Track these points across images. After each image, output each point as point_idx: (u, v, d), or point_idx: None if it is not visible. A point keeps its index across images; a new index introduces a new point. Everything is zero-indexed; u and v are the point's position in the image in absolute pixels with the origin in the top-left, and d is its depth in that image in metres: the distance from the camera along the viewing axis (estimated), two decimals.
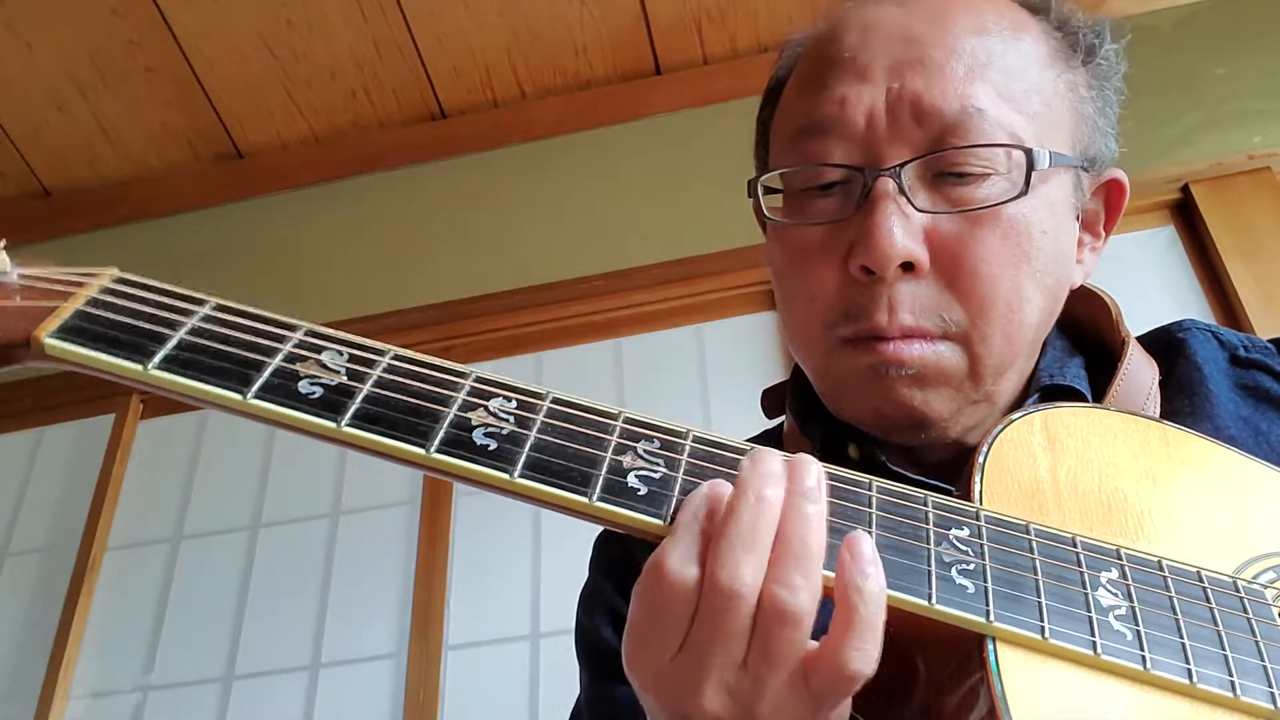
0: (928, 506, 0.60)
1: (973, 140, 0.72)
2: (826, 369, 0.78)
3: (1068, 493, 0.64)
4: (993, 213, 0.72)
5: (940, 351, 0.73)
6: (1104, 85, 0.84)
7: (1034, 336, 0.77)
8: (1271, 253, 2.18)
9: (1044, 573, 0.58)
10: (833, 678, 0.53)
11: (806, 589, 0.53)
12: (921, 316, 0.72)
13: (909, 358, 0.72)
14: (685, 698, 0.54)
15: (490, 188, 2.70)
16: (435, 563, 2.24)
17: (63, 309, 0.59)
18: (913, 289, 0.72)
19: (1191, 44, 2.47)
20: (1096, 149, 0.82)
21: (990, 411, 0.78)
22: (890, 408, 0.74)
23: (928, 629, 0.56)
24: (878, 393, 0.74)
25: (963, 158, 0.73)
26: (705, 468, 0.59)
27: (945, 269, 0.72)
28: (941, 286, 0.72)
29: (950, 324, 0.72)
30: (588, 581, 0.92)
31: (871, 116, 0.74)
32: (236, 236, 2.78)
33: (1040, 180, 0.74)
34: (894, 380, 0.73)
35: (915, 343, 0.72)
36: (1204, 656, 0.56)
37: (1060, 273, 0.77)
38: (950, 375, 0.73)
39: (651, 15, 2.62)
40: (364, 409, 0.58)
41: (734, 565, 0.53)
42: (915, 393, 0.73)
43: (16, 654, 2.32)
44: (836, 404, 0.79)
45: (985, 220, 0.73)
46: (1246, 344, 0.86)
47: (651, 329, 2.46)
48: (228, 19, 2.59)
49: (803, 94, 0.80)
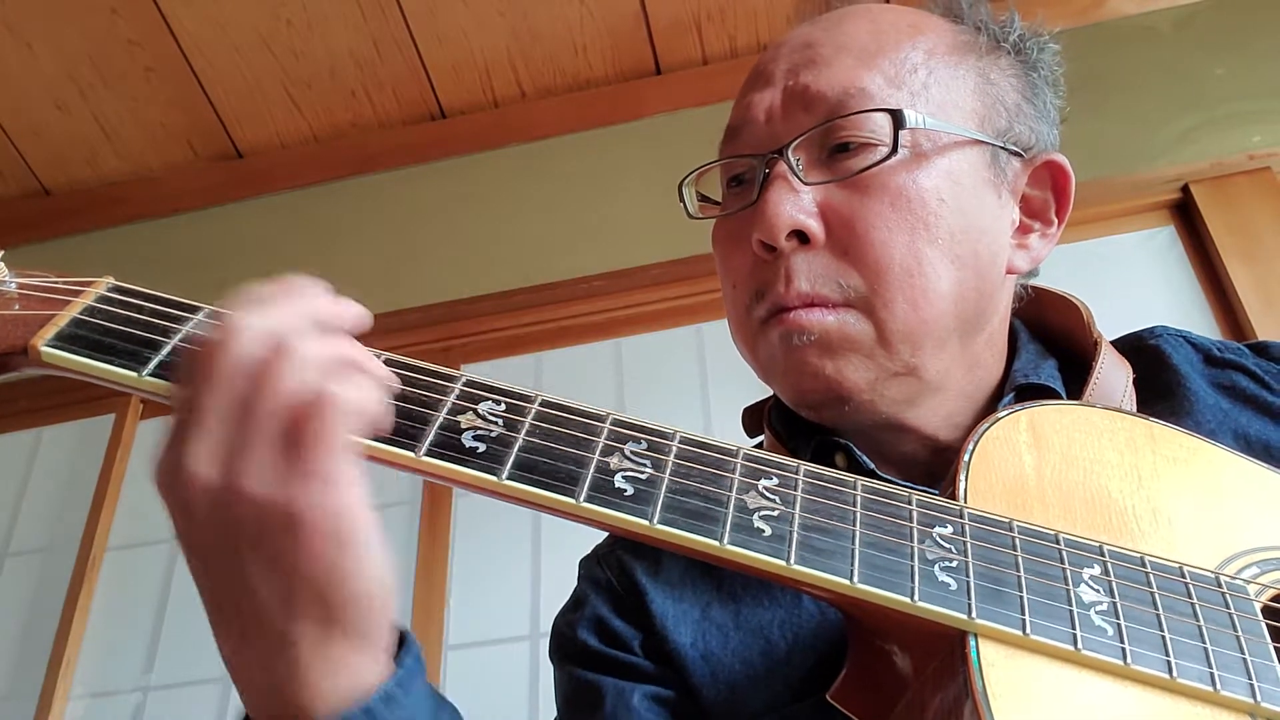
0: (912, 505, 0.61)
1: (856, 117, 0.77)
2: (755, 354, 0.82)
3: (1052, 490, 0.65)
4: (880, 181, 0.76)
5: (843, 318, 0.75)
6: (1029, 75, 0.87)
7: (955, 308, 0.78)
8: (1271, 253, 2.18)
9: (1026, 569, 0.58)
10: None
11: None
12: (818, 284, 0.76)
13: (808, 323, 0.75)
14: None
15: (490, 187, 2.71)
16: (435, 563, 2.25)
17: (59, 317, 0.61)
18: (808, 259, 0.76)
19: (1191, 44, 2.47)
20: (1021, 133, 0.84)
21: (920, 387, 0.79)
22: (806, 380, 0.77)
23: (911, 626, 0.57)
24: (792, 366, 0.77)
25: (845, 132, 0.77)
26: (692, 468, 0.60)
27: (839, 238, 0.76)
28: (837, 255, 0.76)
29: (849, 289, 0.75)
30: (572, 596, 0.91)
31: (770, 112, 0.81)
32: (236, 236, 2.78)
33: (932, 149, 0.78)
34: (802, 350, 0.76)
35: (815, 310, 0.75)
36: (1185, 651, 0.56)
37: (978, 247, 0.79)
38: (856, 341, 0.76)
39: (651, 15, 2.62)
40: None
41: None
42: (825, 362, 0.76)
43: (17, 654, 2.33)
44: (775, 389, 0.83)
45: (873, 189, 0.76)
46: (1220, 346, 0.87)
47: (651, 329, 2.46)
48: (227, 18, 2.59)
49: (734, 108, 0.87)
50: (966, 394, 0.82)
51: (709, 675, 0.78)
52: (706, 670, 0.79)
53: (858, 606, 0.58)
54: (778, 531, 0.57)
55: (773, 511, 0.58)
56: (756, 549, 0.57)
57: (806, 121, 0.79)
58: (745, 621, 0.79)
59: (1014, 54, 0.86)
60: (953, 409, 0.81)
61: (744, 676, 0.77)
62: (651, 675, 0.81)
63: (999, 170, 0.81)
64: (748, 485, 0.60)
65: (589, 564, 0.91)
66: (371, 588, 0.56)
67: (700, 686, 0.78)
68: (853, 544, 0.58)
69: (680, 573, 0.83)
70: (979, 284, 0.79)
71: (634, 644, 0.82)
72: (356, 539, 0.54)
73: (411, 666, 0.60)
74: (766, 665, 0.77)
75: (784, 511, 0.58)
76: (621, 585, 0.85)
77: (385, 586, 0.57)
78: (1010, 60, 0.86)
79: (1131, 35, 2.51)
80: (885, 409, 0.78)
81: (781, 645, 0.77)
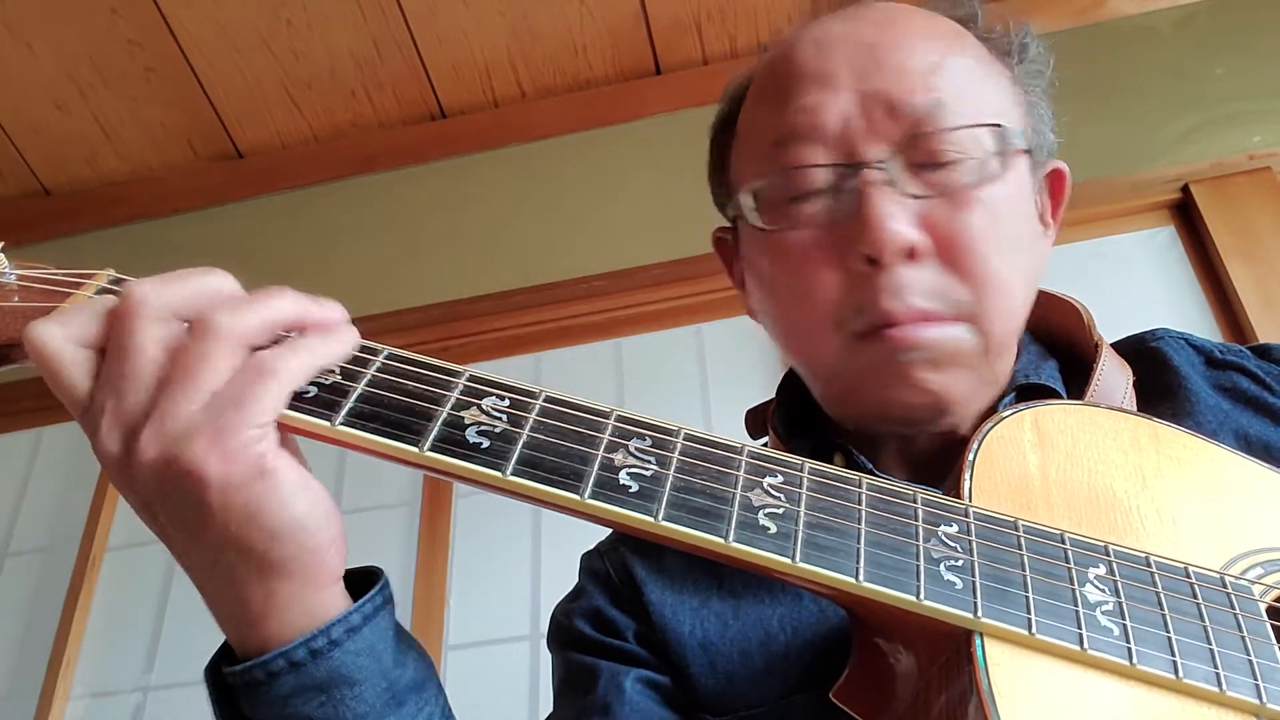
0: (917, 504, 0.60)
1: (945, 128, 0.75)
2: (839, 368, 0.78)
3: (1057, 490, 0.64)
4: (974, 195, 0.75)
5: (952, 333, 0.74)
6: (1035, 82, 0.86)
7: (1022, 320, 0.79)
8: (1271, 253, 2.18)
9: (1032, 569, 0.58)
10: None
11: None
12: (930, 299, 0.73)
13: (922, 339, 0.73)
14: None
15: (490, 187, 2.71)
16: (435, 563, 2.25)
17: (59, 309, 0.60)
18: (916, 273, 0.73)
19: (1191, 44, 2.47)
20: (1040, 140, 0.84)
21: (995, 395, 0.79)
22: (908, 393, 0.75)
23: (916, 625, 0.56)
24: (898, 380, 0.74)
25: (940, 145, 0.75)
26: (697, 465, 0.60)
27: (944, 251, 0.74)
28: (942, 269, 0.74)
29: (959, 304, 0.74)
30: (572, 588, 0.92)
31: (845, 118, 0.76)
32: (237, 236, 2.78)
33: (1011, 161, 0.77)
34: (911, 365, 0.74)
35: (930, 326, 0.73)
36: (1190, 651, 0.56)
37: (1031, 256, 0.80)
38: (965, 356, 0.75)
39: (651, 15, 2.62)
40: (358, 408, 0.59)
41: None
42: (933, 376, 0.74)
43: (17, 654, 2.33)
44: (851, 401, 0.80)
45: (970, 202, 0.75)
46: (1221, 348, 0.88)
47: (651, 329, 2.46)
48: (227, 18, 2.59)
49: (768, 110, 0.82)
50: (989, 396, 0.82)
51: (707, 664, 0.78)
52: (704, 659, 0.79)
53: (862, 605, 0.58)
54: (783, 529, 0.57)
55: (778, 509, 0.58)
56: (762, 546, 0.56)
57: (892, 131, 0.75)
58: (745, 613, 0.79)
59: (1023, 61, 0.86)
60: (993, 395, 0.81)
61: (742, 667, 0.77)
62: (645, 662, 0.81)
63: (1035, 179, 0.82)
64: (753, 482, 0.59)
65: (589, 557, 0.92)
66: (295, 525, 0.57)
67: (697, 675, 0.78)
68: (858, 542, 0.57)
69: (682, 569, 0.83)
70: (1031, 294, 0.81)
71: (628, 633, 0.83)
72: (266, 480, 0.56)
73: (378, 600, 0.63)
74: (765, 657, 0.77)
75: (789, 509, 0.58)
76: (619, 577, 0.86)
77: (315, 521, 0.58)
78: (1023, 68, 0.86)
79: (1131, 35, 2.51)
80: (968, 417, 0.78)
81: (781, 637, 0.77)
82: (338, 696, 0.60)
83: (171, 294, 0.58)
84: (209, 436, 0.54)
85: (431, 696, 0.66)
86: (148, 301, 0.57)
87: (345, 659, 0.60)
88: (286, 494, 0.57)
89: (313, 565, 0.59)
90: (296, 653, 0.59)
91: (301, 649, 0.59)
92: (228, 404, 0.55)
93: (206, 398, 0.55)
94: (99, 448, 0.57)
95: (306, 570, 0.59)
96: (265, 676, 0.59)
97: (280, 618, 0.59)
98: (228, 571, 0.58)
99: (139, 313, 0.57)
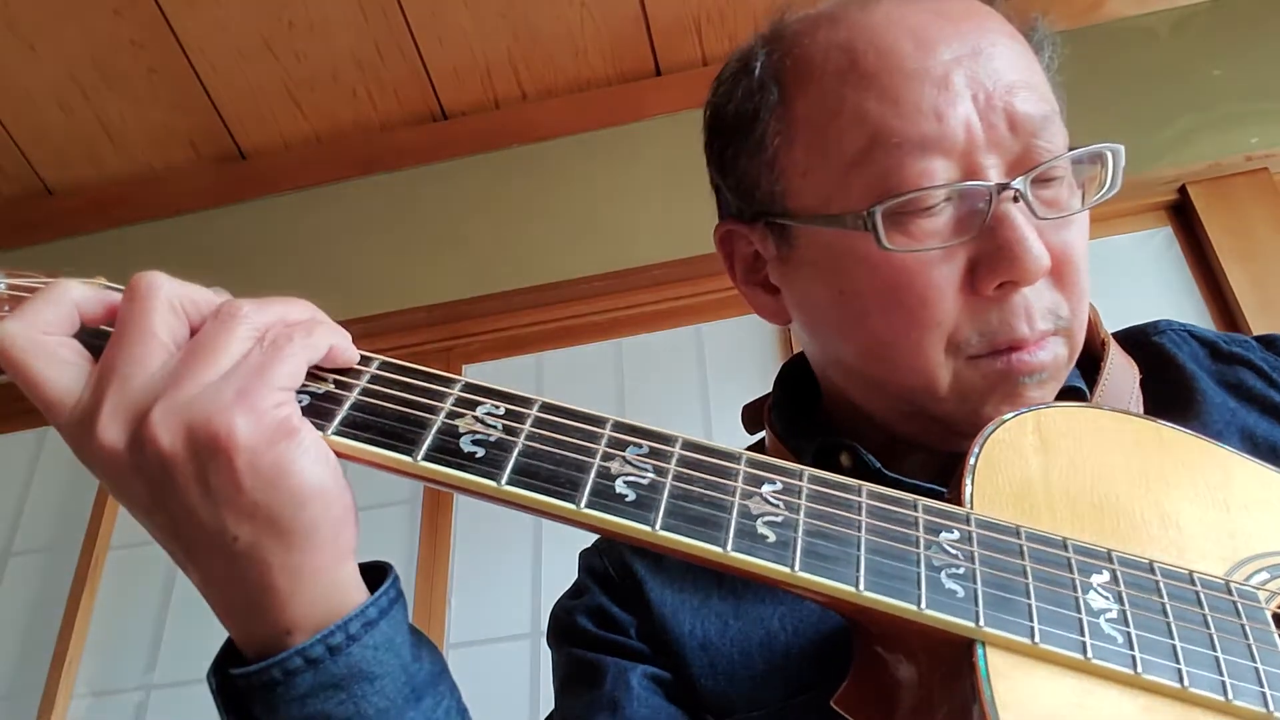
0: (918, 511, 0.60)
1: (1053, 142, 0.73)
2: (947, 390, 0.75)
3: (1060, 494, 0.64)
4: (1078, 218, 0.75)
5: (1055, 349, 0.74)
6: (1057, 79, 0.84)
7: None
8: (1268, 254, 2.18)
9: (1034, 576, 0.57)
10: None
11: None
12: (1047, 320, 0.73)
13: (1044, 363, 0.73)
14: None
15: (491, 188, 2.70)
16: (435, 562, 2.25)
17: (20, 306, 0.59)
18: (1038, 294, 0.73)
19: (1188, 45, 2.47)
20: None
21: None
22: (1014, 407, 0.72)
23: (917, 634, 0.56)
24: (1009, 399, 0.74)
25: (1054, 162, 0.73)
26: (694, 475, 0.59)
27: (1058, 271, 0.73)
28: (1053, 286, 0.74)
29: (1061, 319, 0.74)
30: (572, 585, 0.92)
31: (969, 128, 0.71)
32: (239, 237, 2.78)
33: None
34: (1027, 386, 0.73)
35: (1045, 348, 0.73)
36: (1196, 659, 0.55)
37: None
38: (1061, 370, 0.75)
39: (651, 16, 2.62)
40: (351, 416, 0.58)
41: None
42: (1039, 393, 0.74)
43: (19, 653, 2.33)
44: (941, 417, 0.77)
45: (1075, 223, 0.75)
46: (1226, 339, 0.87)
47: (651, 329, 2.46)
48: (229, 20, 2.59)
49: (868, 105, 0.73)
50: None
51: (706, 664, 0.78)
52: (704, 659, 0.78)
53: (863, 614, 0.57)
54: (782, 538, 0.56)
55: (776, 517, 0.57)
56: (760, 555, 0.56)
57: (1011, 145, 0.72)
58: (746, 612, 0.79)
59: (1052, 59, 0.84)
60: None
61: (742, 668, 0.77)
62: (649, 658, 0.81)
63: None
64: (750, 491, 0.59)
65: (589, 555, 0.91)
66: (319, 488, 0.56)
67: (698, 675, 0.78)
68: (858, 550, 0.57)
69: (682, 567, 0.82)
70: None
71: (631, 629, 0.83)
72: (292, 440, 0.55)
73: (391, 593, 0.62)
74: (765, 657, 0.77)
75: (788, 517, 0.57)
76: (619, 575, 0.86)
77: (337, 486, 0.58)
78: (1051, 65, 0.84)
79: (1129, 36, 2.51)
80: None
81: (782, 638, 0.77)
82: (357, 693, 0.59)
83: (183, 288, 0.58)
84: (233, 399, 0.54)
85: (447, 690, 0.65)
86: (163, 286, 0.57)
87: (364, 654, 0.59)
88: (311, 456, 0.56)
89: (335, 534, 0.58)
90: (314, 649, 0.57)
91: (319, 645, 0.57)
92: (250, 371, 0.55)
93: (226, 370, 0.55)
94: (94, 443, 0.55)
95: (330, 540, 0.57)
96: (282, 675, 0.57)
97: (304, 596, 0.57)
98: (248, 551, 0.56)
99: (155, 294, 0.57)
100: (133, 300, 0.57)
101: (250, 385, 0.54)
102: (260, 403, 0.54)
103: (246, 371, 0.55)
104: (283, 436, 0.55)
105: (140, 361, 0.56)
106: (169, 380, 0.55)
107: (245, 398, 0.54)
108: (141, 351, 0.56)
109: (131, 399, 0.55)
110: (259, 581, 0.57)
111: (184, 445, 0.54)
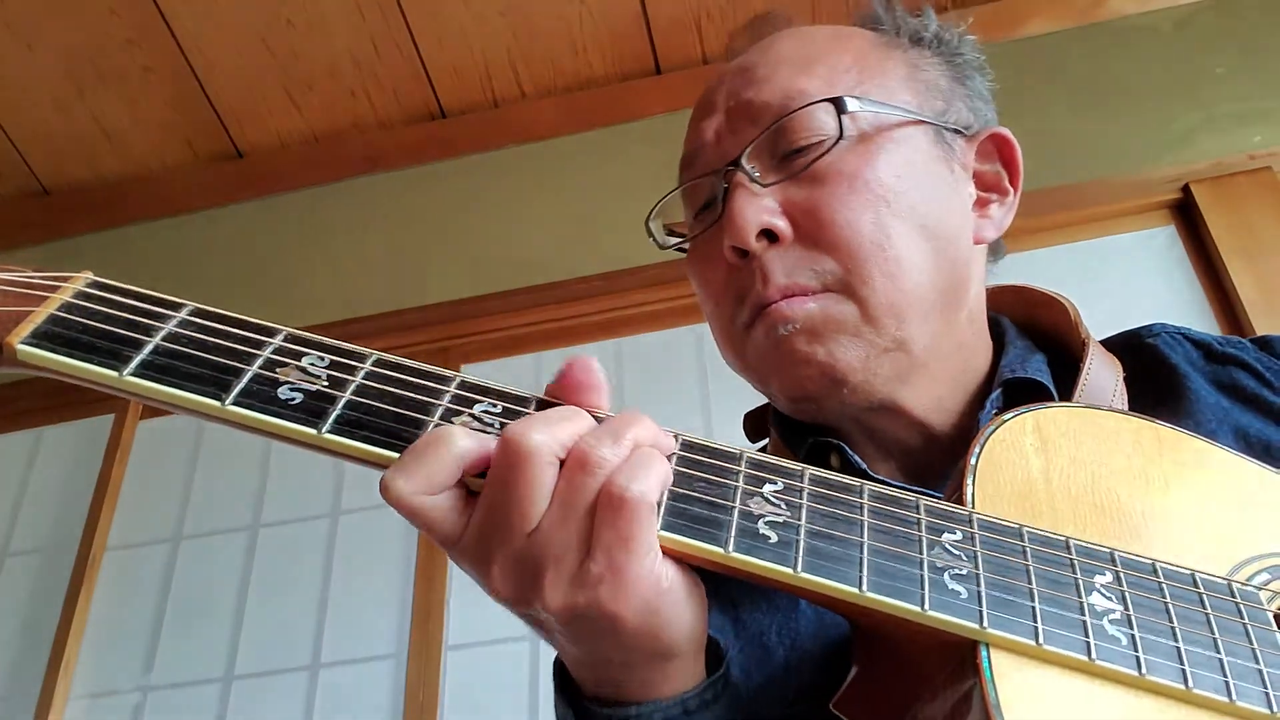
0: (919, 511, 0.59)
1: (797, 119, 0.80)
2: (745, 362, 0.82)
3: (1060, 494, 0.64)
4: (834, 170, 0.79)
5: (824, 303, 0.77)
6: (954, 60, 0.89)
7: (931, 278, 0.79)
8: (1272, 252, 2.18)
9: (1037, 577, 0.57)
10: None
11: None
12: (794, 275, 0.77)
13: (790, 313, 0.76)
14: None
15: (490, 187, 2.70)
16: (435, 562, 2.24)
17: (36, 314, 0.58)
18: (780, 255, 0.78)
19: (1191, 44, 2.47)
20: (959, 112, 0.87)
21: (909, 362, 0.79)
22: (800, 369, 0.77)
23: (920, 635, 0.55)
24: (784, 358, 0.77)
25: (794, 134, 0.80)
26: (695, 473, 0.59)
27: (806, 229, 0.78)
28: (807, 246, 0.78)
29: (826, 274, 0.77)
30: None
31: (718, 132, 0.85)
32: (236, 236, 2.78)
33: (878, 133, 0.80)
34: (790, 339, 0.76)
35: (795, 299, 0.76)
36: (1199, 660, 0.55)
37: (942, 216, 0.81)
38: (842, 322, 0.77)
39: (651, 15, 2.62)
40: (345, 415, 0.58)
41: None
42: (816, 347, 0.76)
43: (16, 654, 2.32)
44: (770, 393, 0.84)
45: (830, 177, 0.78)
46: (1221, 340, 0.87)
47: (651, 329, 2.46)
48: (227, 18, 2.58)
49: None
50: (954, 377, 0.83)
51: None
52: None
53: (865, 615, 0.56)
54: (784, 538, 0.56)
55: (778, 517, 0.57)
56: (763, 556, 0.55)
57: (754, 132, 0.81)
58: (743, 625, 0.79)
59: (936, 45, 0.89)
60: (942, 392, 0.82)
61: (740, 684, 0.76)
62: None
63: (945, 147, 0.84)
64: (752, 491, 0.58)
65: None
66: (692, 630, 0.59)
67: None
68: (861, 551, 0.56)
69: None
70: (951, 252, 0.81)
71: None
72: (666, 596, 0.56)
73: (722, 677, 0.65)
74: (764, 672, 0.76)
75: (790, 518, 0.57)
76: None
77: (704, 614, 0.60)
78: (933, 51, 0.89)
79: (1132, 35, 2.50)
80: (880, 388, 0.78)
81: (779, 651, 0.77)
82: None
83: (556, 437, 0.56)
84: (612, 582, 0.54)
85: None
86: (541, 451, 0.55)
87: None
88: (683, 603, 0.58)
89: (696, 649, 0.62)
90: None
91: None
92: (617, 546, 0.54)
93: (587, 535, 0.55)
94: (488, 587, 0.57)
95: (690, 654, 0.61)
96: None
97: (656, 688, 0.61)
98: (607, 663, 0.60)
99: (532, 462, 0.55)
100: (513, 466, 0.55)
101: (622, 564, 0.55)
102: (636, 578, 0.55)
103: (613, 547, 0.55)
104: (659, 595, 0.56)
105: (516, 527, 0.55)
106: (544, 549, 0.55)
107: (621, 578, 0.55)
108: (518, 517, 0.55)
109: (516, 560, 0.56)
110: (619, 676, 0.61)
111: (574, 619, 0.56)
